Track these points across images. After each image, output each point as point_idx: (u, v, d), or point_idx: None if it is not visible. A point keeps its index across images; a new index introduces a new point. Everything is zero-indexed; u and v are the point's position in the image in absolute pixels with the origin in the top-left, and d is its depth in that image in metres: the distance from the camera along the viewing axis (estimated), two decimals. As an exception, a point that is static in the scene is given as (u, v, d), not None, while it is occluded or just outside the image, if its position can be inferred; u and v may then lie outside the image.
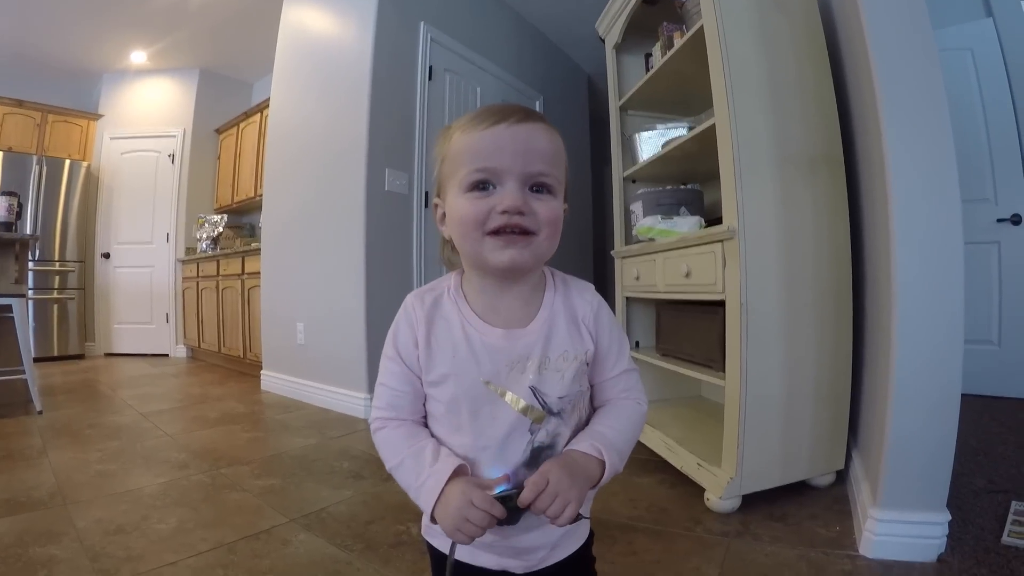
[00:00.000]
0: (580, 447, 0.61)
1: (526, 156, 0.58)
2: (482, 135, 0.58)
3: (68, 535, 1.39)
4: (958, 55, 2.87)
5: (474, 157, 0.58)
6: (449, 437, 0.63)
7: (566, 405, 0.63)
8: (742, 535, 1.39)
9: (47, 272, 4.80)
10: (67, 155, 4.98)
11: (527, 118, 0.59)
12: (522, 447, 0.61)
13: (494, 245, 0.58)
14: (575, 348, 0.64)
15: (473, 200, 0.58)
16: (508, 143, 0.57)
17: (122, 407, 2.95)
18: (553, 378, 0.62)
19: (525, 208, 0.57)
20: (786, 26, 1.63)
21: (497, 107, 0.60)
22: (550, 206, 0.59)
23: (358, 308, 2.76)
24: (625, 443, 0.65)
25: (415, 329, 0.64)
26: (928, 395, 1.22)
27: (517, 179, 0.58)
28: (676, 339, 2.04)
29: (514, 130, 0.58)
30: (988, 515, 1.42)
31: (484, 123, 0.58)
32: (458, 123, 0.62)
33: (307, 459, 2.06)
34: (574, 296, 0.68)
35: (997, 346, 2.86)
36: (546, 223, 0.59)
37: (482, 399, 0.61)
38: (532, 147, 0.58)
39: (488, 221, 0.58)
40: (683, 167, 2.20)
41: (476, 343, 0.62)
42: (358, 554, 1.33)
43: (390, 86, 2.89)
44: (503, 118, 0.58)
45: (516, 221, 0.57)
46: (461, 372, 0.61)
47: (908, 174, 1.23)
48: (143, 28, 4.45)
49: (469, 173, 0.58)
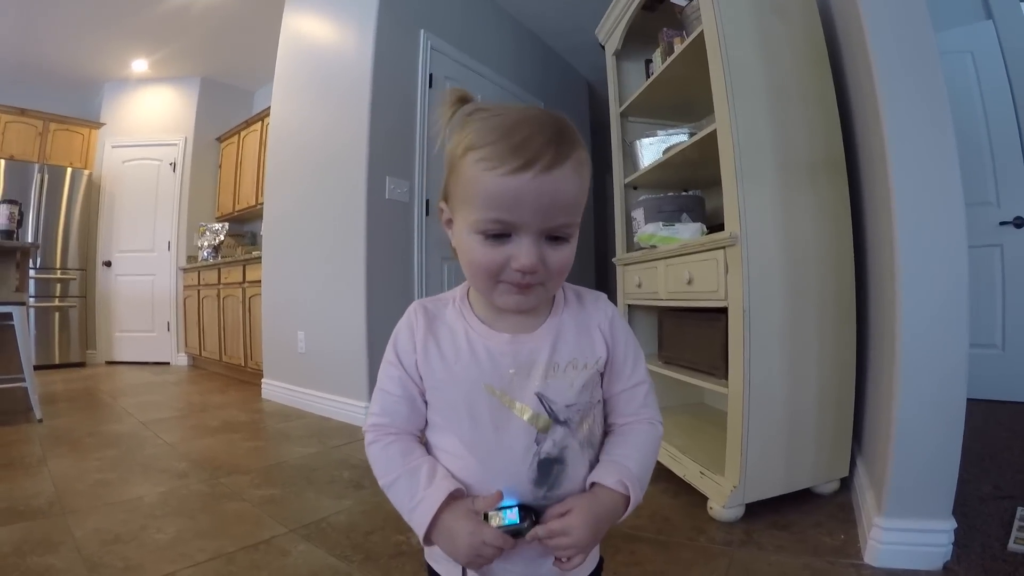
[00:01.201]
0: (608, 482, 0.59)
1: (549, 211, 0.53)
2: (503, 182, 0.51)
3: (66, 544, 1.38)
4: (958, 58, 2.86)
5: (490, 204, 0.53)
6: (449, 447, 0.61)
7: (574, 414, 0.60)
8: (746, 544, 1.38)
9: (48, 280, 4.80)
10: (69, 163, 4.99)
11: (556, 162, 0.52)
12: (528, 459, 0.58)
13: (503, 290, 0.57)
14: (585, 356, 0.62)
15: (486, 248, 0.54)
16: (532, 198, 0.52)
17: (122, 415, 2.94)
18: (561, 385, 0.60)
19: (539, 265, 0.54)
20: (786, 31, 1.62)
21: (523, 138, 0.51)
22: (564, 255, 0.56)
23: (359, 316, 2.75)
24: (647, 474, 0.63)
25: (415, 333, 0.62)
26: (933, 402, 1.21)
27: (535, 234, 0.54)
28: (678, 346, 2.03)
29: (540, 182, 0.51)
30: (994, 522, 1.41)
31: (507, 164, 0.51)
32: (475, 134, 0.54)
33: (307, 468, 2.05)
34: (588, 304, 0.66)
35: (1001, 350, 2.84)
36: (556, 272, 0.56)
37: (483, 405, 0.59)
38: (557, 201, 0.53)
39: (501, 273, 0.55)
40: (684, 173, 2.20)
41: (479, 347, 0.60)
42: (358, 565, 1.32)
43: (390, 94, 2.89)
44: (529, 163, 0.51)
45: (529, 280, 0.55)
46: (461, 377, 0.60)
47: (911, 178, 1.22)
48: (144, 37, 4.47)
49: (484, 221, 0.53)
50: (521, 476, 0.58)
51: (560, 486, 0.59)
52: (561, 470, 0.59)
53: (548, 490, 0.59)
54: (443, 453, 0.62)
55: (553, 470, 0.59)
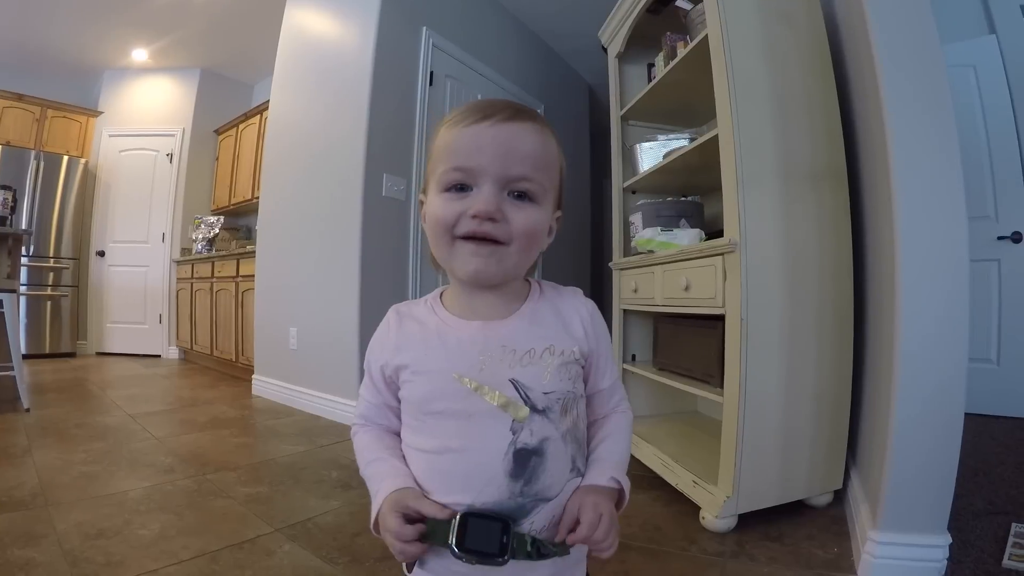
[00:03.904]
0: (601, 482, 0.59)
1: (507, 158, 0.54)
2: (463, 132, 0.55)
3: (48, 538, 1.36)
4: (961, 72, 2.86)
5: (453, 155, 0.55)
6: (423, 445, 0.59)
7: (553, 403, 0.57)
8: (738, 556, 1.36)
9: (41, 268, 4.76)
10: (65, 151, 4.95)
11: (515, 116, 0.56)
12: (502, 450, 0.55)
13: (462, 251, 0.56)
14: (563, 342, 0.60)
15: (447, 201, 0.56)
16: (489, 143, 0.54)
17: (111, 407, 2.91)
18: (537, 371, 0.57)
19: (498, 215, 0.54)
20: (791, 38, 1.61)
21: (487, 102, 0.57)
22: (528, 215, 0.56)
23: (352, 315, 2.72)
24: (627, 459, 0.65)
25: (388, 333, 0.63)
26: (931, 415, 1.19)
27: (494, 182, 0.55)
28: (673, 353, 2.01)
29: (497, 129, 0.54)
30: (988, 538, 1.40)
31: (468, 119, 0.55)
32: (447, 117, 0.59)
33: (295, 467, 2.02)
34: (566, 297, 0.66)
35: (996, 365, 2.84)
36: (520, 234, 0.55)
37: (454, 396, 0.56)
38: (515, 148, 0.55)
39: (458, 224, 0.55)
40: (683, 179, 2.19)
41: (448, 338, 0.59)
42: (343, 567, 1.29)
43: (390, 90, 2.87)
44: (488, 115, 0.55)
45: (486, 229, 0.54)
46: (430, 368, 0.58)
47: (914, 190, 1.20)
48: (146, 26, 4.44)
49: (446, 172, 0.56)
50: (496, 469, 0.55)
51: (537, 481, 0.56)
52: (539, 463, 0.56)
53: (524, 484, 0.56)
54: (416, 452, 0.60)
55: (530, 462, 0.56)
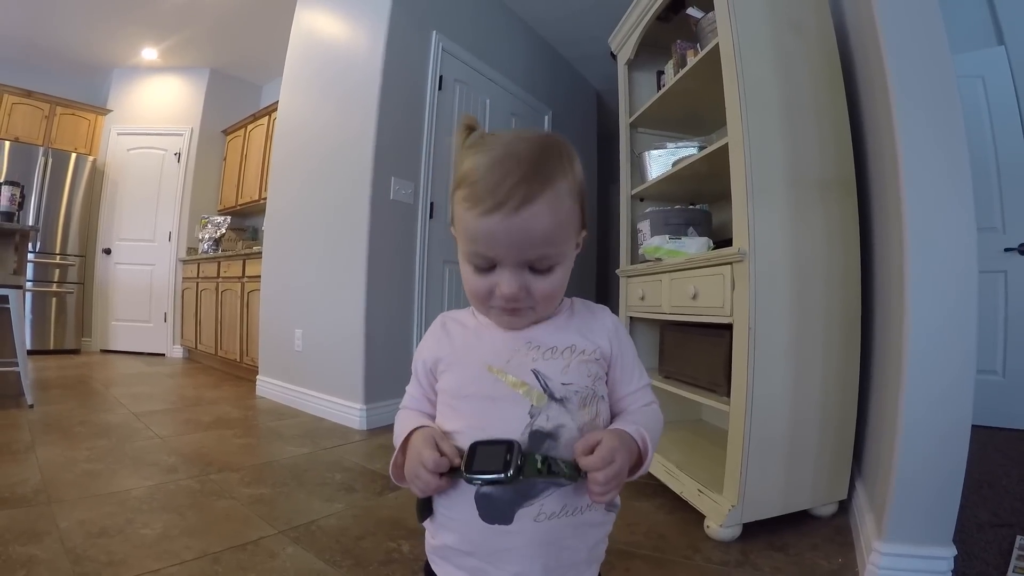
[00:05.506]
0: (628, 429, 0.62)
1: (522, 247, 0.58)
2: (478, 223, 0.57)
3: (50, 535, 1.35)
4: (969, 83, 2.86)
5: (472, 240, 0.59)
6: (449, 425, 0.64)
7: (571, 394, 0.62)
8: (742, 565, 1.36)
9: (47, 265, 4.78)
10: (73, 148, 4.98)
11: (525, 203, 0.55)
12: (519, 430, 0.60)
13: (496, 312, 0.63)
14: (584, 343, 0.65)
15: (475, 277, 0.61)
16: (503, 236, 0.57)
17: (114, 405, 2.91)
18: (557, 364, 0.63)
19: (521, 294, 0.59)
20: (802, 47, 1.61)
21: (497, 180, 0.56)
22: (549, 283, 0.61)
23: (357, 318, 2.72)
24: (655, 445, 0.65)
25: (434, 333, 0.70)
26: (938, 427, 1.19)
27: (514, 265, 0.59)
28: (680, 361, 2.01)
29: (509, 223, 0.56)
30: (992, 550, 1.39)
31: (480, 206, 0.56)
32: (464, 171, 0.59)
33: (299, 469, 2.02)
34: (596, 311, 0.71)
35: (1001, 377, 2.83)
36: (543, 298, 0.61)
37: (483, 382, 0.63)
38: (528, 237, 0.57)
39: (490, 299, 0.61)
40: (692, 187, 2.18)
41: (484, 335, 0.66)
42: (347, 570, 1.29)
43: (399, 94, 2.87)
44: (499, 205, 0.55)
45: (513, 307, 0.61)
46: (464, 359, 0.65)
47: (924, 199, 1.20)
48: (156, 25, 4.47)
49: (470, 253, 0.60)
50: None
51: None
52: (553, 446, 0.60)
53: None
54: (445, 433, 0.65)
55: (544, 444, 0.60)
